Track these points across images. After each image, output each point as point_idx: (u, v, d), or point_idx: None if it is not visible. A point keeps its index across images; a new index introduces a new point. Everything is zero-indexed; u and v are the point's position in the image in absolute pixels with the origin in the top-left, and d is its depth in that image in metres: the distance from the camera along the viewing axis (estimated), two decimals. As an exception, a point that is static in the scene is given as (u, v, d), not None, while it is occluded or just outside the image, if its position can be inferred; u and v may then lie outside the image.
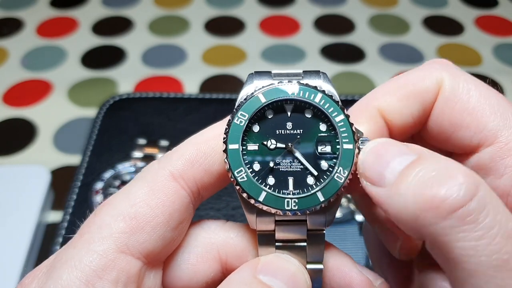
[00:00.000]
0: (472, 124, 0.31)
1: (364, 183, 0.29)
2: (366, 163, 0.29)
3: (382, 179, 0.27)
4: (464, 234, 0.24)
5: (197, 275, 0.32)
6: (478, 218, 0.24)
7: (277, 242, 0.32)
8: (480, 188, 0.25)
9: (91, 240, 0.29)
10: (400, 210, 0.26)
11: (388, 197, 0.27)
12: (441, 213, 0.24)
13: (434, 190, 0.25)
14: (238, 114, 0.31)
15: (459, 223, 0.24)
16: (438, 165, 0.26)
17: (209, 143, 0.31)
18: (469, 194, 0.24)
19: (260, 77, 0.32)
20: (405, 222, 0.26)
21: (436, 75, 0.32)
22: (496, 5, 1.14)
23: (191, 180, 0.31)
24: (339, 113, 0.31)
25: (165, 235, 0.30)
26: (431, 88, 0.32)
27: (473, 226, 0.24)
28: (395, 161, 0.27)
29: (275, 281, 0.29)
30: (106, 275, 0.28)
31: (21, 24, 1.05)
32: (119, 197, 0.31)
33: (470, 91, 0.31)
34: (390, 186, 0.27)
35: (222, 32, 1.05)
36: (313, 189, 0.30)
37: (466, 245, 0.24)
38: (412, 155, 0.27)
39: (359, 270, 0.32)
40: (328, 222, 0.31)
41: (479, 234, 0.24)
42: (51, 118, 0.84)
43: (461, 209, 0.24)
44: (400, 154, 0.28)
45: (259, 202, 0.30)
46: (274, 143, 0.31)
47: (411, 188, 0.26)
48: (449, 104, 0.31)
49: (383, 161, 0.28)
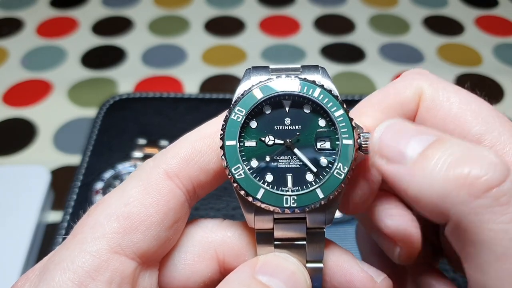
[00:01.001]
0: (456, 131, 0.30)
1: (379, 161, 0.28)
2: (383, 139, 0.28)
3: (403, 157, 0.27)
4: (496, 215, 0.24)
5: (194, 275, 0.32)
6: (511, 200, 0.23)
7: (276, 241, 0.31)
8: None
9: (84, 240, 0.29)
10: (424, 188, 0.25)
11: (409, 175, 0.26)
12: (475, 191, 0.24)
13: (467, 168, 0.24)
14: (235, 109, 0.30)
15: (493, 203, 0.24)
16: (462, 146, 0.25)
17: (205, 141, 0.31)
18: (504, 174, 0.24)
19: (257, 72, 0.32)
20: (428, 201, 0.25)
21: (415, 85, 0.32)
22: (496, 5, 1.14)
23: (186, 178, 0.31)
24: (338, 108, 0.30)
25: (160, 234, 0.30)
26: (412, 98, 0.32)
27: (506, 208, 0.23)
28: (415, 139, 0.27)
29: (274, 281, 0.29)
30: (100, 276, 0.28)
31: (21, 24, 1.05)
32: (113, 197, 0.30)
33: (450, 98, 0.31)
34: (413, 163, 0.26)
35: (222, 32, 1.04)
36: (312, 186, 0.30)
37: (496, 227, 0.24)
38: (432, 136, 0.27)
39: (360, 267, 0.32)
40: (328, 220, 0.31)
41: (511, 216, 0.23)
42: (51, 118, 0.84)
43: (496, 189, 0.24)
44: (419, 133, 0.27)
45: (257, 200, 0.29)
46: (272, 139, 0.31)
47: (439, 165, 0.25)
48: (431, 112, 0.31)
49: (403, 138, 0.27)
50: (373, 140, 0.29)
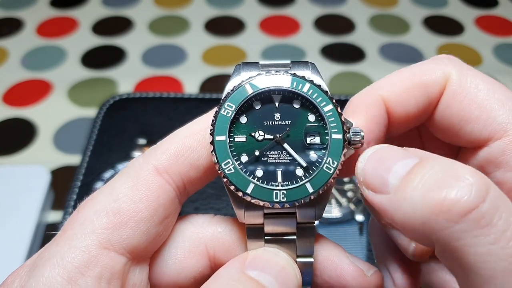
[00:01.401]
0: (481, 118, 0.30)
1: (366, 192, 0.28)
2: (366, 170, 0.28)
3: (385, 185, 0.27)
4: (478, 238, 0.23)
5: (185, 270, 0.32)
6: (492, 221, 0.23)
7: (266, 236, 0.31)
8: (491, 188, 0.24)
9: (73, 236, 0.29)
10: (407, 216, 0.25)
11: (393, 203, 0.26)
12: (453, 216, 0.23)
13: (443, 193, 0.24)
14: (225, 105, 0.30)
15: (473, 226, 0.23)
16: (443, 166, 0.25)
17: (195, 136, 0.31)
18: (481, 195, 0.23)
19: (247, 68, 0.32)
20: (412, 228, 0.25)
21: (443, 69, 0.32)
22: (496, 5, 1.14)
23: (176, 174, 0.31)
24: (327, 103, 0.30)
25: (150, 230, 0.30)
26: (438, 81, 0.32)
27: (487, 230, 0.23)
28: (397, 166, 0.27)
29: (264, 275, 0.29)
30: (89, 271, 0.28)
31: (21, 24, 1.05)
32: (102, 193, 0.30)
33: (478, 85, 0.31)
34: (395, 191, 0.26)
35: (222, 32, 1.05)
36: (302, 180, 0.30)
37: (480, 250, 0.23)
38: (414, 159, 0.26)
39: (351, 261, 0.32)
40: (318, 215, 0.31)
41: (493, 238, 0.23)
42: (51, 118, 0.84)
43: (474, 211, 0.23)
44: (401, 158, 0.27)
45: (247, 195, 0.30)
46: (262, 134, 0.31)
47: (418, 191, 0.25)
48: (457, 97, 0.31)
49: (385, 166, 0.27)
50: (358, 171, 0.29)
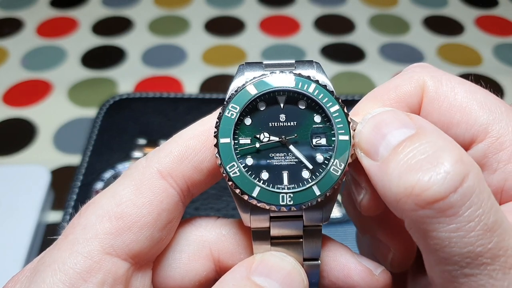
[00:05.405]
0: (462, 121, 0.30)
1: (359, 153, 0.28)
2: (363, 133, 0.28)
3: (376, 154, 0.27)
4: (441, 225, 0.24)
5: (189, 274, 0.32)
6: (458, 211, 0.23)
7: (272, 239, 0.30)
8: (468, 178, 0.24)
9: (75, 241, 0.28)
10: (386, 190, 0.26)
11: (378, 172, 0.26)
12: (421, 202, 0.24)
13: (417, 176, 0.24)
14: (229, 106, 0.30)
15: (438, 214, 0.24)
16: (432, 146, 0.25)
17: (199, 139, 0.30)
18: (453, 185, 0.24)
19: (251, 68, 0.31)
20: (388, 202, 0.26)
21: (416, 78, 0.32)
22: (496, 5, 1.14)
23: (180, 177, 0.30)
24: (333, 104, 0.30)
25: (153, 235, 0.29)
26: (414, 91, 0.31)
27: (451, 219, 0.23)
28: (391, 134, 0.27)
29: (269, 281, 0.28)
30: (91, 277, 0.27)
31: (21, 24, 1.05)
32: (105, 196, 0.30)
33: (454, 88, 0.31)
34: (382, 162, 0.26)
35: (222, 32, 1.04)
36: (309, 183, 0.29)
37: (441, 235, 0.24)
38: (411, 129, 0.26)
39: (358, 260, 0.31)
40: (325, 218, 0.30)
41: (456, 226, 0.23)
42: (51, 118, 0.84)
43: (442, 201, 0.23)
44: (398, 126, 0.27)
45: (253, 198, 0.29)
46: (267, 136, 0.30)
47: (397, 169, 0.25)
48: (435, 103, 0.31)
49: (380, 133, 0.27)
50: (356, 132, 0.29)
